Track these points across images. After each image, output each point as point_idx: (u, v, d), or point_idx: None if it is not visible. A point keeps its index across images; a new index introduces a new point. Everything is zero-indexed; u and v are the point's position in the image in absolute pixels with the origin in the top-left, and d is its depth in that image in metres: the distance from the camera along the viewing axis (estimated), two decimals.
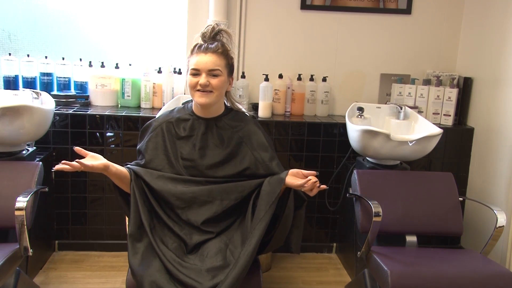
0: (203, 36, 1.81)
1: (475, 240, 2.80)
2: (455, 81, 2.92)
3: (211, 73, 1.76)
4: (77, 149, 1.64)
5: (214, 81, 1.76)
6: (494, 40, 2.71)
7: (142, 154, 1.85)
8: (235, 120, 1.88)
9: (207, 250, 1.68)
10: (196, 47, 1.80)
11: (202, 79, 1.75)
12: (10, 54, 2.83)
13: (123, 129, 2.67)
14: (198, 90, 1.77)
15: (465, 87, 2.90)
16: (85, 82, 2.92)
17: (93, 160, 1.65)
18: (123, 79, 2.87)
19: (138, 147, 1.90)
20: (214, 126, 1.85)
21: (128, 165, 1.81)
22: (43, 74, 2.87)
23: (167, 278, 1.58)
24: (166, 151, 1.83)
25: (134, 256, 1.63)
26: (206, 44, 1.78)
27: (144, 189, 1.75)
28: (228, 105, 1.93)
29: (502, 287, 1.84)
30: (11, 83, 2.80)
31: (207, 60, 1.75)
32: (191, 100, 1.90)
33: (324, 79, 2.94)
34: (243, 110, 1.97)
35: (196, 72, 1.77)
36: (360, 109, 2.68)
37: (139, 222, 1.69)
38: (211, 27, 1.82)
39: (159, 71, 2.86)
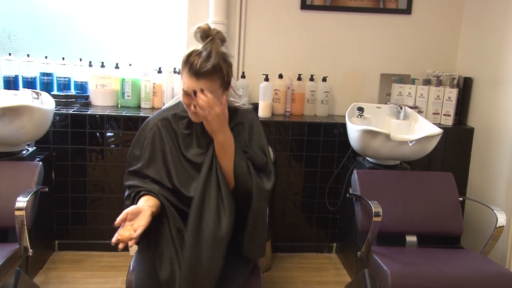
0: (198, 36, 1.66)
1: (475, 240, 2.80)
2: (455, 81, 2.92)
3: None
4: (117, 223, 1.51)
5: None
6: (494, 40, 2.71)
7: (140, 160, 1.75)
8: (231, 116, 1.77)
9: None
10: (189, 65, 1.62)
11: (194, 106, 1.64)
12: (10, 54, 2.83)
13: (123, 129, 2.67)
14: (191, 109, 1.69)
15: (465, 87, 2.90)
16: (85, 82, 2.92)
17: (138, 218, 1.52)
18: (123, 79, 2.87)
19: (134, 151, 1.79)
20: None
21: (145, 189, 1.69)
22: (43, 74, 2.87)
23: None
24: (164, 154, 1.73)
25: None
26: (198, 67, 1.60)
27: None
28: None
29: (502, 287, 1.84)
30: (11, 83, 2.80)
31: (199, 87, 1.61)
32: None
33: (324, 79, 2.94)
34: (239, 104, 1.86)
35: (188, 94, 1.65)
36: (360, 109, 2.68)
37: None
38: (208, 36, 1.64)
39: (159, 71, 2.86)
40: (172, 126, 1.77)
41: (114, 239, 1.47)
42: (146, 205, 1.58)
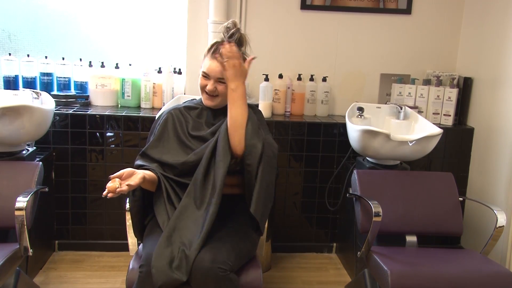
0: (225, 31, 1.88)
1: (475, 240, 2.80)
2: (455, 81, 2.92)
3: (219, 80, 1.85)
4: (112, 177, 1.61)
5: (220, 88, 1.86)
6: (494, 40, 2.71)
7: (152, 138, 1.91)
8: None
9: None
10: (212, 50, 1.86)
11: (210, 85, 1.86)
12: (10, 54, 2.83)
13: (123, 129, 2.67)
14: (206, 93, 1.89)
15: (465, 87, 2.90)
16: (85, 82, 2.92)
17: (131, 178, 1.65)
18: (123, 79, 2.87)
19: (149, 138, 1.96)
20: (221, 115, 1.92)
21: (147, 167, 1.81)
22: (43, 74, 2.87)
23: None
24: (175, 131, 1.89)
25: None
26: (220, 50, 1.83)
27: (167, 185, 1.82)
28: None
29: (502, 287, 1.84)
30: (11, 83, 2.80)
31: (218, 68, 1.83)
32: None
33: (324, 79, 2.94)
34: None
35: (206, 76, 1.87)
36: (360, 109, 2.68)
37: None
38: (233, 30, 1.86)
39: (159, 71, 2.86)
40: (184, 113, 1.95)
41: (104, 192, 1.57)
42: (144, 171, 1.73)
